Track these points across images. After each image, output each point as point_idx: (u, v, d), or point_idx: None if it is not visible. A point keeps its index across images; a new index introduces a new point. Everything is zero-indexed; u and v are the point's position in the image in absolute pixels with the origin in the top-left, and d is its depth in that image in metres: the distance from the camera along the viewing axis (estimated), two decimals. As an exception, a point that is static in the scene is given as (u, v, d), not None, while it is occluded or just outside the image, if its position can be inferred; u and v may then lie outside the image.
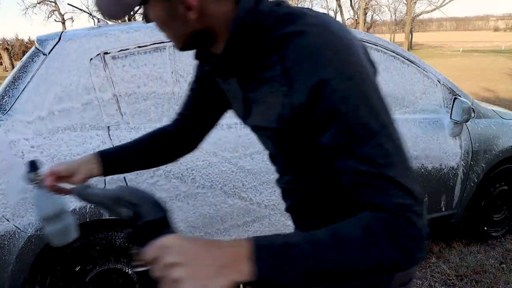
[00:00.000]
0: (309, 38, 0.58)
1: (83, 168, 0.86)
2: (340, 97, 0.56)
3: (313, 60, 0.56)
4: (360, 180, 0.57)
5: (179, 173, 1.84)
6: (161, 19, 0.64)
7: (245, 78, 0.69)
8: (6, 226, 1.65)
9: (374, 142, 0.56)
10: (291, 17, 0.61)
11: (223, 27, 0.65)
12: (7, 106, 1.68)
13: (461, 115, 2.28)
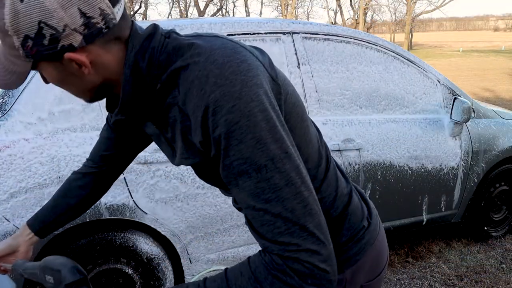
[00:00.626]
0: (194, 71, 0.57)
1: (22, 240, 0.92)
2: (224, 132, 0.54)
3: (198, 94, 0.56)
4: (250, 214, 0.56)
5: (179, 173, 1.84)
6: (57, 79, 0.63)
7: (158, 120, 0.68)
8: (6, 227, 1.65)
9: (260, 177, 0.54)
10: (179, 50, 0.61)
11: (121, 73, 0.63)
12: (7, 106, 1.68)
13: (461, 115, 2.28)
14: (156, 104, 0.65)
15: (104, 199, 1.75)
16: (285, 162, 0.55)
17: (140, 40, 0.62)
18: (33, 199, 1.67)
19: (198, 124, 0.57)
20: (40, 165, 1.66)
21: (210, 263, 2.01)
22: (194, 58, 0.58)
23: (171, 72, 0.60)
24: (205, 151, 0.60)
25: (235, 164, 0.55)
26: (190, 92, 0.57)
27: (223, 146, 0.55)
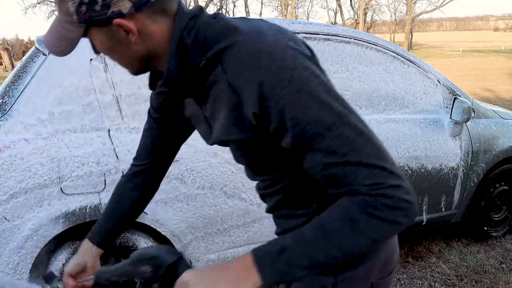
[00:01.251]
0: (243, 48, 0.59)
1: (88, 256, 0.94)
2: (289, 102, 0.57)
3: (253, 69, 0.58)
4: (330, 173, 0.59)
5: (179, 174, 1.84)
6: (105, 46, 0.65)
7: (199, 97, 0.70)
8: (6, 227, 1.65)
9: (333, 134, 0.57)
10: (225, 30, 0.62)
11: (165, 46, 0.66)
12: (7, 106, 1.68)
13: (461, 115, 2.28)
14: (197, 81, 0.66)
15: (104, 199, 1.75)
16: (350, 116, 0.59)
17: (187, 18, 0.64)
18: (33, 200, 1.67)
19: (255, 98, 0.59)
20: (40, 166, 1.66)
21: (210, 263, 2.01)
22: (242, 36, 0.60)
23: (220, 49, 0.61)
24: (258, 125, 0.62)
25: (306, 129, 0.57)
26: (242, 68, 0.59)
27: (290, 116, 0.57)
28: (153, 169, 0.96)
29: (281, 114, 0.58)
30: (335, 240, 0.58)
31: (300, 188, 0.74)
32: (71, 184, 1.71)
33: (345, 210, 0.58)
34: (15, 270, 1.71)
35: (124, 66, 0.69)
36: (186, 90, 0.68)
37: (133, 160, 0.98)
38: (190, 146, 1.85)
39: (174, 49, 0.64)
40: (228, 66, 0.61)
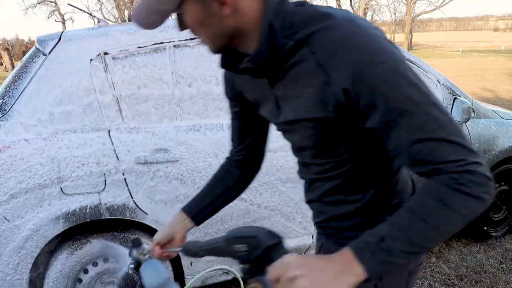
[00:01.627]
0: (338, 31, 0.63)
1: (179, 227, 0.94)
2: (381, 79, 0.60)
3: (347, 50, 0.61)
4: (416, 149, 0.62)
5: (179, 174, 1.84)
6: (198, 19, 0.67)
7: (274, 76, 0.73)
8: (7, 227, 1.65)
9: (422, 111, 0.61)
10: (318, 15, 0.66)
11: (252, 26, 0.68)
12: (7, 106, 1.68)
13: (461, 115, 2.28)
14: (278, 62, 0.69)
15: (104, 200, 1.76)
16: (433, 96, 0.63)
17: (275, 2, 0.68)
18: (33, 200, 1.67)
19: (347, 76, 0.62)
20: (41, 166, 1.66)
21: (210, 263, 2.01)
22: (336, 21, 0.64)
23: (311, 32, 0.65)
24: (346, 103, 0.65)
25: (397, 106, 0.61)
26: (335, 49, 0.62)
27: (382, 93, 0.61)
28: (247, 156, 0.99)
29: (373, 92, 0.61)
30: (431, 221, 0.59)
31: (361, 173, 0.77)
32: (71, 184, 1.71)
33: (434, 191, 0.61)
34: (15, 270, 1.71)
35: (208, 41, 0.71)
36: (267, 69, 0.71)
37: (230, 151, 1.02)
38: (190, 147, 1.85)
39: (266, 29, 0.66)
40: (318, 47, 0.64)
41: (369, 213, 0.79)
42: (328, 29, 0.63)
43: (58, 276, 1.78)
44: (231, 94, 0.91)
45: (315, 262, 0.59)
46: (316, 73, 0.65)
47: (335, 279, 0.57)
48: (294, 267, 0.58)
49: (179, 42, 1.87)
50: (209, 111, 1.91)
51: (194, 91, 1.89)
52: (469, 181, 0.59)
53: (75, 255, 1.79)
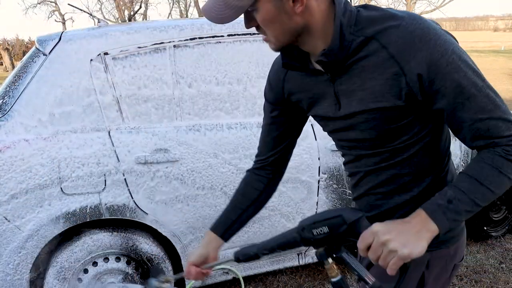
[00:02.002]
0: (408, 28, 0.70)
1: (212, 247, 0.97)
2: (453, 68, 0.69)
3: (420, 43, 0.69)
4: (476, 127, 0.72)
5: (179, 174, 1.84)
6: (270, 16, 0.70)
7: (338, 72, 0.77)
8: (7, 227, 1.66)
9: (483, 94, 0.71)
10: (385, 15, 0.73)
11: (320, 24, 0.73)
12: (7, 107, 1.68)
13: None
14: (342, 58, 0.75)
15: (104, 200, 1.76)
16: (489, 83, 0.73)
17: (342, 2, 0.74)
18: (33, 200, 1.67)
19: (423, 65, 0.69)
20: (41, 167, 1.66)
21: (210, 264, 2.01)
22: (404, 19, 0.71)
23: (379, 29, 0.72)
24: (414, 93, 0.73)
25: (465, 90, 0.70)
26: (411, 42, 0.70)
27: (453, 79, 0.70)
28: (275, 161, 1.00)
29: (445, 79, 0.70)
30: (489, 184, 0.71)
31: (418, 161, 0.83)
32: (72, 184, 1.71)
33: (491, 160, 0.72)
34: (15, 270, 1.71)
35: (275, 39, 0.75)
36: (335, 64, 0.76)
37: (255, 157, 1.03)
38: (190, 147, 1.85)
39: (339, 26, 0.72)
40: (391, 42, 0.71)
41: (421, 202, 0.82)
42: (398, 27, 0.71)
43: (58, 276, 1.78)
44: (275, 98, 0.93)
45: (397, 226, 0.70)
46: (387, 65, 0.72)
47: (417, 236, 0.69)
48: (383, 233, 0.68)
49: (179, 42, 1.87)
50: (209, 111, 1.91)
51: (194, 91, 1.89)
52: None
53: (75, 255, 1.79)
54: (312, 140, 2.03)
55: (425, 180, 0.84)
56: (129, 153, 1.78)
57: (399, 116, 0.77)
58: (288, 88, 0.89)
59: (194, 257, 0.96)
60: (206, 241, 0.98)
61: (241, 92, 1.96)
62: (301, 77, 0.86)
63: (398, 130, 0.79)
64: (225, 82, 1.94)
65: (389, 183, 0.86)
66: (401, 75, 0.72)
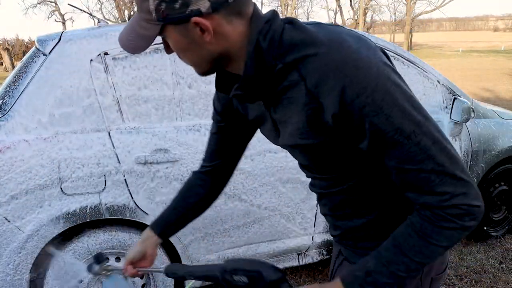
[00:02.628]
0: (328, 56, 0.61)
1: (149, 243, 0.96)
2: (372, 110, 0.59)
3: (337, 76, 0.60)
4: (404, 178, 0.64)
5: (179, 175, 1.84)
6: (179, 45, 0.67)
7: (269, 99, 0.72)
8: (7, 227, 1.65)
9: (411, 142, 0.61)
10: (306, 38, 0.64)
11: (239, 48, 0.67)
12: (7, 107, 1.68)
13: (460, 115, 2.28)
14: (269, 85, 0.68)
15: (104, 200, 1.76)
16: (427, 124, 0.62)
17: (262, 22, 0.65)
18: (33, 200, 1.67)
19: (336, 104, 0.61)
20: (41, 167, 1.66)
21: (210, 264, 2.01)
22: (324, 47, 0.62)
23: (300, 57, 0.63)
24: (336, 128, 0.64)
25: (387, 137, 0.61)
26: (325, 76, 0.61)
27: (372, 123, 0.60)
28: (219, 170, 0.99)
29: (363, 121, 0.61)
30: (414, 255, 0.65)
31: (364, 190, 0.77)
32: (72, 185, 1.71)
33: (418, 227, 0.64)
34: (15, 270, 1.71)
35: (193, 65, 0.71)
36: (259, 93, 0.70)
37: (202, 161, 1.01)
38: (190, 147, 1.85)
39: (251, 52, 0.65)
40: (308, 73, 0.63)
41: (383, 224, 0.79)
42: (316, 55, 0.62)
43: (58, 276, 1.78)
44: (222, 108, 0.89)
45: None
46: (306, 100, 0.64)
47: None
48: None
49: (179, 42, 1.87)
50: (209, 112, 1.91)
51: (194, 92, 1.89)
52: (452, 216, 0.62)
53: (75, 255, 1.79)
54: (312, 140, 2.03)
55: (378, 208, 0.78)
56: (129, 153, 1.78)
57: (329, 150, 0.70)
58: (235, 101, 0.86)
59: (131, 254, 0.95)
60: (144, 238, 0.97)
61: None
62: None
63: (334, 162, 0.73)
64: (225, 82, 1.94)
65: (343, 207, 0.82)
66: (319, 111, 0.64)
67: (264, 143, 1.95)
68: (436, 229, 0.63)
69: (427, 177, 0.61)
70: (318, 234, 2.16)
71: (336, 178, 0.78)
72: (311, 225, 2.11)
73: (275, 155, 1.96)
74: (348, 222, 0.83)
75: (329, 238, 2.19)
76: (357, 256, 0.85)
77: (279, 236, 2.09)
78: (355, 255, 0.86)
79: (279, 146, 0.82)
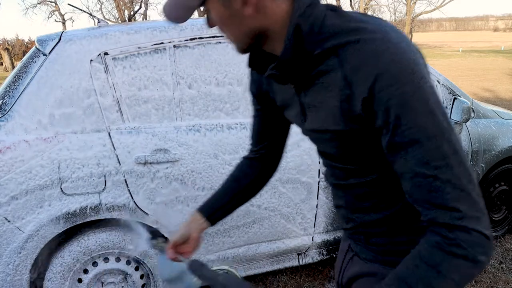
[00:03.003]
0: (368, 45, 0.60)
1: (194, 226, 0.95)
2: (399, 102, 0.58)
3: (373, 65, 0.59)
4: (418, 182, 0.59)
5: (179, 175, 1.84)
6: (221, 18, 0.67)
7: (301, 83, 0.71)
8: (7, 228, 1.65)
9: (431, 145, 0.58)
10: (350, 26, 0.63)
11: (278, 27, 0.66)
12: (7, 107, 1.68)
13: (460, 115, 2.28)
14: (305, 68, 0.68)
15: (104, 200, 1.76)
16: (451, 134, 0.59)
17: (304, 5, 0.64)
18: (33, 201, 1.67)
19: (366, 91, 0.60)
20: (41, 168, 1.66)
21: (210, 264, 2.01)
22: (368, 35, 0.61)
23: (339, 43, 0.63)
24: (365, 118, 0.63)
25: (407, 133, 0.58)
26: (363, 64, 0.60)
27: (397, 116, 0.58)
28: (267, 154, 0.98)
29: (388, 112, 0.59)
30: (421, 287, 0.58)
31: (386, 185, 0.75)
32: (72, 185, 1.71)
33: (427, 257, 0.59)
34: (15, 270, 1.71)
35: (233, 41, 0.70)
36: (293, 75, 0.69)
37: (249, 146, 1.01)
38: (190, 147, 1.85)
39: (291, 33, 0.64)
40: (347, 60, 0.62)
41: (398, 222, 0.77)
42: (359, 42, 0.61)
43: (58, 276, 1.78)
44: (256, 91, 0.91)
45: None
46: (340, 86, 0.64)
47: None
48: None
49: (179, 42, 1.87)
50: (209, 112, 1.91)
51: (194, 92, 1.89)
52: (464, 241, 0.57)
53: (75, 254, 1.79)
54: (312, 141, 2.03)
55: (397, 205, 0.76)
56: (129, 154, 1.78)
57: (356, 140, 0.69)
58: (266, 86, 0.87)
59: (176, 237, 0.93)
60: (190, 221, 0.96)
61: (241, 92, 1.96)
62: None
63: (358, 152, 0.72)
64: (225, 82, 1.94)
65: (362, 200, 0.80)
66: (351, 99, 0.63)
67: (264, 143, 1.95)
68: (446, 257, 0.57)
69: (442, 187, 0.57)
70: (318, 234, 2.16)
71: (358, 169, 0.75)
72: (311, 225, 2.11)
73: (275, 155, 1.96)
74: (364, 215, 0.81)
75: (329, 238, 2.19)
76: (368, 252, 0.84)
77: (279, 236, 2.09)
78: (366, 251, 0.84)
79: (303, 131, 0.81)
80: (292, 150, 1.99)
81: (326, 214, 2.11)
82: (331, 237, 2.19)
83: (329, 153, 0.79)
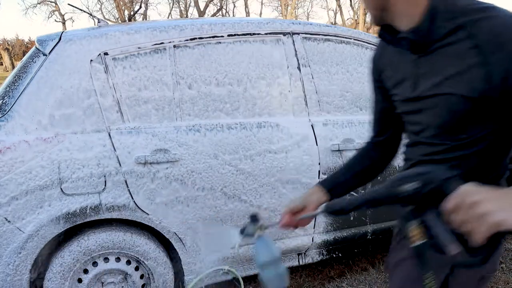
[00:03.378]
0: (500, 20, 0.70)
1: (313, 198, 0.96)
2: None
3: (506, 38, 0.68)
4: None
5: (179, 175, 1.84)
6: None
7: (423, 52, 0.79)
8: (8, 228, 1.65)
9: None
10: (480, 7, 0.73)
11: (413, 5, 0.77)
12: (7, 107, 1.68)
13: None
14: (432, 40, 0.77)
15: (104, 200, 1.76)
16: None
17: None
18: (34, 201, 1.67)
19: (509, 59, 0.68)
20: (41, 168, 1.66)
21: (210, 264, 2.01)
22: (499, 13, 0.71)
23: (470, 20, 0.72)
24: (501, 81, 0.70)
25: None
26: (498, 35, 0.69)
27: None
28: (387, 140, 1.03)
29: None
30: None
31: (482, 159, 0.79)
32: (72, 185, 1.71)
33: None
34: (15, 270, 1.71)
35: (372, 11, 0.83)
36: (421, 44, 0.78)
37: (371, 132, 1.06)
38: (190, 147, 1.85)
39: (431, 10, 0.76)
40: (478, 32, 0.71)
41: None
42: (490, 18, 0.70)
43: (58, 276, 1.78)
44: (373, 73, 0.98)
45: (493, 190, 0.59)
46: (470, 54, 0.71)
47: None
48: (475, 193, 0.59)
49: (179, 42, 1.87)
50: (209, 112, 1.91)
51: (194, 92, 1.89)
52: None
53: (75, 254, 1.79)
54: (312, 142, 2.03)
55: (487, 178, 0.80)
56: (129, 154, 1.77)
57: (469, 109, 0.75)
58: (382, 65, 0.93)
59: (292, 205, 0.95)
60: (310, 192, 0.98)
61: (241, 93, 1.96)
62: (393, 55, 0.89)
63: (465, 122, 0.77)
64: (225, 82, 1.94)
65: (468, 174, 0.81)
66: (482, 66, 0.71)
67: (264, 143, 1.95)
68: None
69: None
70: (318, 235, 2.16)
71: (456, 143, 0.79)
72: (311, 225, 2.11)
73: (275, 155, 1.96)
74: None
75: (329, 238, 2.19)
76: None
77: (279, 236, 2.09)
78: None
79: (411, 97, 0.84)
80: (292, 150, 1.99)
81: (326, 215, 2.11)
82: (331, 237, 2.19)
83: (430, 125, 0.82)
